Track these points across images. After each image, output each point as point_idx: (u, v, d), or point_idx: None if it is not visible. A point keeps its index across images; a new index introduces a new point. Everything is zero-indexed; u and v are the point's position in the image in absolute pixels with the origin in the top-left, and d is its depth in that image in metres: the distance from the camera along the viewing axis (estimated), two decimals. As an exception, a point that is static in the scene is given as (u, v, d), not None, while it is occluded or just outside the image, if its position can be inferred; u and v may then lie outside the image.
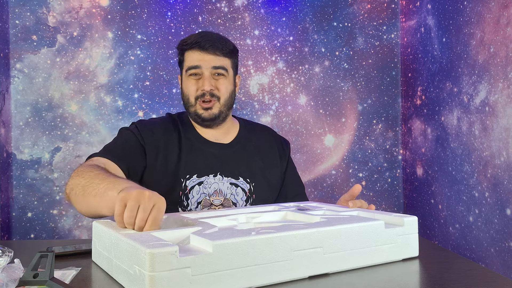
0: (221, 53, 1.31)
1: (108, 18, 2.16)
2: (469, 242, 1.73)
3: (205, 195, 1.29)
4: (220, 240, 0.69)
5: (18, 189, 2.07)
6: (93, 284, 0.79)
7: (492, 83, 1.57)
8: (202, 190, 1.29)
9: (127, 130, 1.33)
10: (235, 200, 1.31)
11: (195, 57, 1.31)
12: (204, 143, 1.35)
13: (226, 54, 1.32)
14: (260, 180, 1.35)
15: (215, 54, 1.31)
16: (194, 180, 1.30)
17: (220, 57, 1.32)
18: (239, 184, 1.32)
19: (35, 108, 2.09)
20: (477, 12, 1.66)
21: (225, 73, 1.32)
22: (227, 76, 1.33)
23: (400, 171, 2.36)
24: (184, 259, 0.66)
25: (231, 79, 1.35)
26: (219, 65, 1.31)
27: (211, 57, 1.31)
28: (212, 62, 1.30)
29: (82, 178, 1.06)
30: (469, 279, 0.77)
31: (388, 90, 2.36)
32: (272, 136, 1.47)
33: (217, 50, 1.31)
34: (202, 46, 1.30)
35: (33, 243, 1.22)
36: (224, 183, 1.31)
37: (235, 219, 0.96)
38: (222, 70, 1.31)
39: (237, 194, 1.31)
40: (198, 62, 1.30)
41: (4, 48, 2.05)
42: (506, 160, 1.49)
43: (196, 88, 1.31)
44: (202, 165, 1.31)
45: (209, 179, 1.30)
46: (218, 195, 1.30)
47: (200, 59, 1.31)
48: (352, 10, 2.34)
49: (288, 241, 0.75)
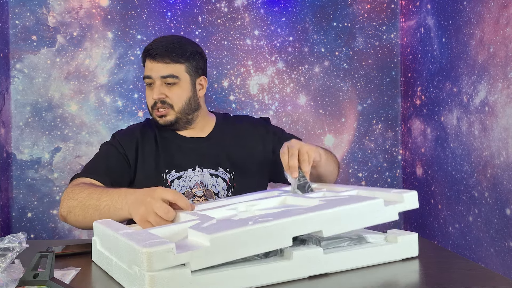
0: (170, 60, 1.30)
1: (108, 18, 2.16)
2: (468, 242, 1.73)
3: (187, 187, 1.32)
4: (218, 232, 0.69)
5: (18, 189, 2.07)
6: (93, 284, 0.79)
7: (491, 83, 1.57)
8: (182, 184, 1.32)
9: (106, 144, 1.38)
10: (216, 191, 1.33)
11: (148, 66, 1.33)
12: (181, 139, 1.38)
13: (177, 60, 1.31)
14: (241, 168, 1.37)
15: (164, 62, 1.30)
16: (173, 174, 1.33)
17: (170, 65, 1.30)
18: (219, 175, 1.34)
19: (35, 108, 2.09)
20: (477, 12, 1.66)
21: (176, 80, 1.31)
22: (179, 83, 1.32)
23: (400, 171, 2.36)
24: (182, 256, 0.65)
25: (185, 85, 1.33)
26: (167, 74, 1.30)
27: (159, 66, 1.30)
28: (160, 71, 1.30)
29: (76, 200, 1.14)
30: (469, 279, 0.77)
31: (388, 90, 2.36)
32: (250, 122, 1.49)
33: (165, 58, 1.30)
34: (150, 54, 1.31)
35: (33, 243, 1.22)
36: (204, 174, 1.33)
37: (234, 208, 0.95)
38: (172, 78, 1.30)
39: (218, 185, 1.33)
40: (149, 72, 1.32)
41: (4, 48, 2.05)
42: (505, 160, 1.50)
43: (150, 97, 1.34)
44: (180, 160, 1.34)
45: (188, 173, 1.32)
46: (199, 186, 1.32)
47: (150, 68, 1.31)
48: (351, 10, 2.34)
49: (288, 228, 0.74)
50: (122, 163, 1.33)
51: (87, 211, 1.10)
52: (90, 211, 1.09)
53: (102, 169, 1.28)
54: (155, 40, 1.37)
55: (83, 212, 1.11)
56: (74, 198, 1.14)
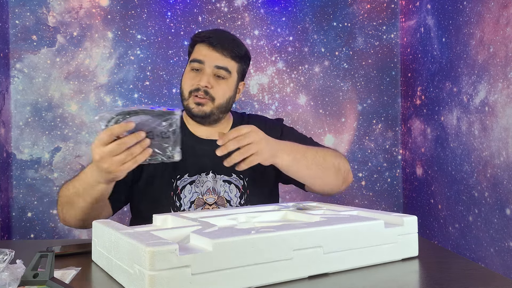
0: (229, 55, 1.26)
1: (108, 18, 2.16)
2: (468, 242, 1.73)
3: (198, 193, 1.27)
4: (220, 238, 0.69)
5: (18, 189, 2.07)
6: (93, 284, 0.79)
7: (491, 83, 1.57)
8: (194, 189, 1.27)
9: None
10: (229, 198, 1.28)
11: (202, 51, 1.27)
12: (195, 141, 1.31)
13: (234, 57, 1.27)
14: (252, 174, 1.30)
15: (222, 54, 1.26)
16: (185, 179, 1.27)
17: (227, 58, 1.26)
18: (232, 181, 1.30)
19: (35, 108, 2.09)
20: (477, 12, 1.66)
21: (227, 76, 1.27)
22: (228, 80, 1.27)
23: (400, 171, 2.36)
24: (184, 258, 0.66)
25: (232, 84, 1.29)
26: (222, 65, 1.25)
27: (217, 55, 1.25)
28: (216, 61, 1.25)
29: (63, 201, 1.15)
30: (469, 279, 0.77)
31: (388, 90, 2.36)
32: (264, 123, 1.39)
33: (225, 50, 1.25)
34: (211, 42, 1.26)
35: (33, 243, 1.22)
36: (217, 181, 1.28)
37: (235, 219, 0.96)
38: (225, 71, 1.26)
39: (231, 191, 1.29)
40: (202, 57, 1.26)
41: (4, 48, 2.05)
42: (505, 160, 1.50)
43: (193, 82, 1.26)
44: (193, 164, 1.27)
45: (201, 178, 1.28)
46: (211, 193, 1.27)
47: (205, 54, 1.26)
48: (351, 10, 2.34)
49: (288, 240, 0.75)
50: None
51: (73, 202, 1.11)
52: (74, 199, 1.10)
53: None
54: (211, 30, 1.31)
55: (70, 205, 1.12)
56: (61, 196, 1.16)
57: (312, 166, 1.17)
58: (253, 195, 1.31)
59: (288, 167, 1.15)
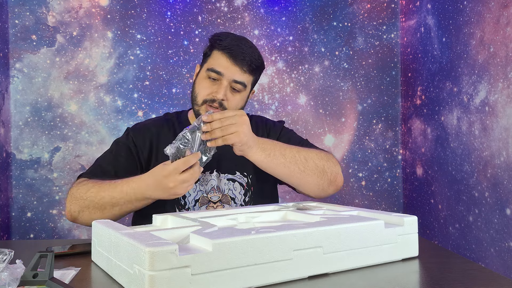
0: (247, 70, 1.26)
1: (108, 18, 2.16)
2: (469, 242, 1.73)
3: (202, 192, 1.29)
4: (220, 239, 0.69)
5: (17, 189, 2.07)
6: (92, 284, 0.79)
7: (492, 83, 1.57)
8: (199, 188, 1.29)
9: (119, 143, 1.33)
10: (233, 195, 1.30)
11: (222, 62, 1.25)
12: None
13: (252, 71, 1.27)
14: (256, 171, 1.31)
15: (242, 69, 1.25)
16: None
17: (245, 74, 1.26)
18: (236, 179, 1.32)
19: (34, 108, 2.09)
20: (477, 12, 1.66)
21: (242, 89, 1.27)
22: (242, 92, 1.28)
23: (400, 171, 2.36)
24: (184, 258, 0.66)
25: (245, 95, 1.30)
26: (240, 80, 1.25)
27: (236, 69, 1.24)
28: (235, 75, 1.24)
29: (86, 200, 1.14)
30: (469, 279, 0.77)
31: (388, 90, 2.36)
32: (264, 124, 1.42)
33: (244, 66, 1.25)
34: (232, 54, 1.24)
35: (33, 243, 1.22)
36: (221, 179, 1.30)
37: (234, 219, 0.96)
38: (241, 86, 1.26)
39: (235, 189, 1.31)
40: (222, 69, 1.24)
41: (4, 47, 2.05)
42: (506, 160, 1.49)
43: (209, 91, 1.25)
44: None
45: (206, 176, 1.30)
46: (215, 191, 1.29)
47: (226, 66, 1.24)
48: (352, 10, 2.34)
49: (288, 240, 0.75)
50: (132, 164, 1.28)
51: (104, 207, 1.12)
52: (108, 207, 1.11)
53: (109, 172, 1.25)
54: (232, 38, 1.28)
55: (99, 211, 1.13)
56: (83, 198, 1.14)
57: (291, 165, 1.18)
58: (257, 192, 1.33)
59: (262, 162, 1.17)
